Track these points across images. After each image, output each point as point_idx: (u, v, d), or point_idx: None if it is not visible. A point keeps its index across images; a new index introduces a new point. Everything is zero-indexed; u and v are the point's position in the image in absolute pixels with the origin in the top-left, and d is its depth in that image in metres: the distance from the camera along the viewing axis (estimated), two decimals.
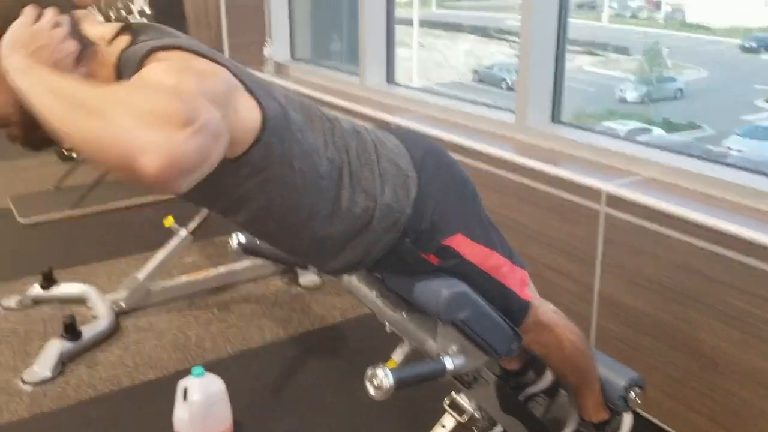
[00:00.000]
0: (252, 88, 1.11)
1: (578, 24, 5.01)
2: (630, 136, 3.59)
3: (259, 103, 1.11)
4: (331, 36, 4.29)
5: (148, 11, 4.08)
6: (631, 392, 1.58)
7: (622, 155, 2.18)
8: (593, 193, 2.05)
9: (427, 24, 7.98)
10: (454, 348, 1.28)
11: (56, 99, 0.90)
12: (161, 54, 1.03)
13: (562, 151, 2.36)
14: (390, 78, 3.39)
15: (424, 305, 1.28)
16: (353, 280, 1.45)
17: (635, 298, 1.99)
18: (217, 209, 1.28)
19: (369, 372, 1.07)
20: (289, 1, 4.12)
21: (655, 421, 2.01)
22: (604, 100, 4.26)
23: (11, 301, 2.88)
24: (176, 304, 2.87)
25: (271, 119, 1.12)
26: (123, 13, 5.10)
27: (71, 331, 2.48)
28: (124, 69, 1.07)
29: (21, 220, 3.76)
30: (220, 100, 0.99)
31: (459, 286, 1.28)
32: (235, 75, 1.09)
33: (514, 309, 1.39)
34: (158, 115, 0.86)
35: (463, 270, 1.32)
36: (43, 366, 2.38)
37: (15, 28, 1.02)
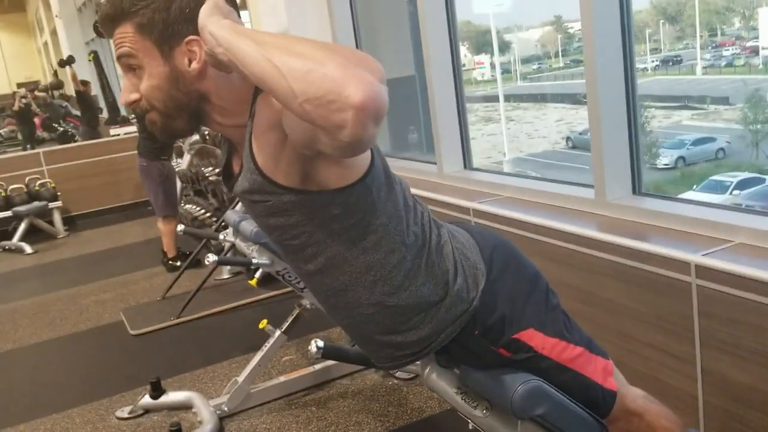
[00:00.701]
0: None
1: (670, 80, 4.91)
2: (740, 187, 3.44)
3: (371, 150, 1.18)
4: (408, 128, 4.42)
5: None
6: None
7: (708, 223, 2.11)
8: (682, 266, 1.98)
9: (514, 98, 8.00)
10: None
11: (265, 46, 0.99)
12: None
13: (646, 223, 2.30)
14: (467, 164, 3.44)
15: (500, 403, 1.27)
16: (432, 377, 1.45)
17: (741, 372, 1.88)
18: (292, 251, 1.29)
19: None
20: None
21: None
22: (707, 154, 4.12)
23: (124, 412, 3.03)
24: (276, 403, 2.93)
25: (376, 168, 1.19)
26: None
27: None
28: None
29: (132, 332, 3.98)
30: None
31: (533, 380, 1.26)
32: None
33: (597, 400, 1.35)
34: (366, 63, 0.97)
35: (538, 364, 1.31)
36: None
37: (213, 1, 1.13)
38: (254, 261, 2.71)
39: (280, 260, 2.73)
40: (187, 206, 5.98)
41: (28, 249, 6.39)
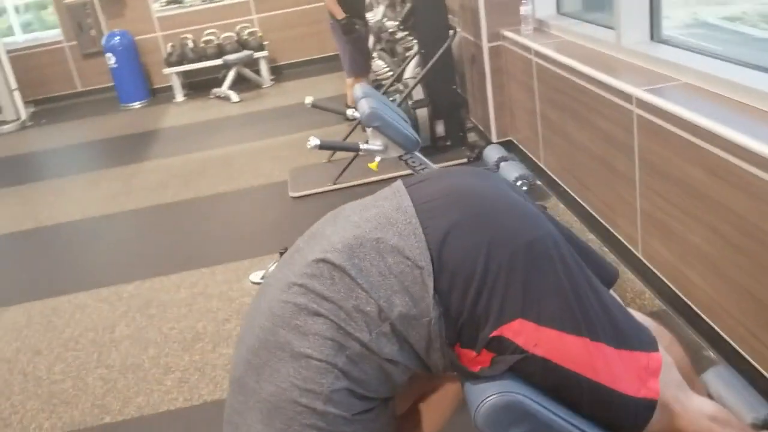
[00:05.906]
0: None
1: None
2: None
3: None
4: None
5: None
6: None
7: None
8: None
9: None
10: None
11: None
12: None
13: None
14: (654, 33, 2.75)
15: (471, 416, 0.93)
16: None
17: None
18: None
19: None
20: None
21: None
22: None
23: (257, 277, 3.08)
24: None
25: None
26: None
27: None
28: None
29: (291, 194, 4.03)
30: None
31: (507, 394, 0.89)
32: None
33: (623, 415, 0.95)
34: None
35: (529, 369, 0.93)
36: None
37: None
38: (362, 147, 2.46)
39: (395, 145, 2.46)
40: (378, 62, 5.76)
41: (234, 97, 6.69)
